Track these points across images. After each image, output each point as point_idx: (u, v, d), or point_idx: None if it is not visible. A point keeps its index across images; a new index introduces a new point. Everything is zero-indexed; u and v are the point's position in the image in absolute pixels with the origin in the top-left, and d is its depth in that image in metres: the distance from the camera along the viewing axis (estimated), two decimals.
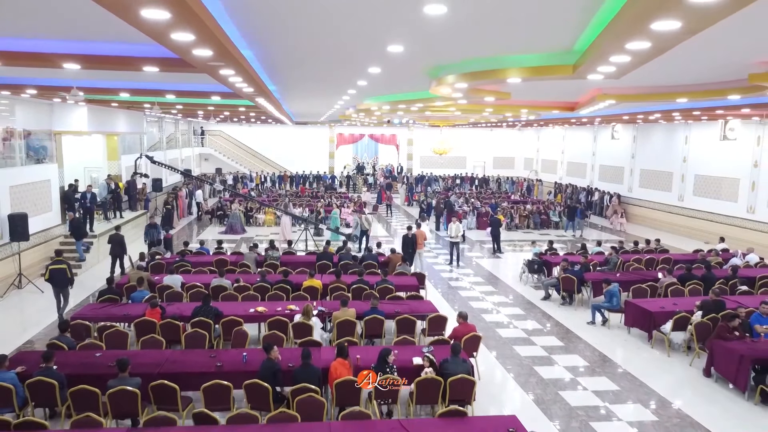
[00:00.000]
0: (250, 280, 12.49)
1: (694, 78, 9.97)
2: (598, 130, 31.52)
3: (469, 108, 16.22)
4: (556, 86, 11.00)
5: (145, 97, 14.18)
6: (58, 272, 11.89)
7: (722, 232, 20.18)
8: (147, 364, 7.99)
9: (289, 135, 40.92)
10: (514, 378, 9.59)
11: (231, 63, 7.19)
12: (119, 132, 21.73)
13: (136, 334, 9.58)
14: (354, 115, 23.52)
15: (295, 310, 10.49)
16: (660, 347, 10.97)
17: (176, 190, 26.55)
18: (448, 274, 17.02)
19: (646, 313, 11.30)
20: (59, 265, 12.00)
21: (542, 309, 13.57)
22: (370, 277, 12.86)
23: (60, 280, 11.93)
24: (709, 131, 23.03)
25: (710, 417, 8.26)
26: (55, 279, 11.88)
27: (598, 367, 10.11)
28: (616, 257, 15.28)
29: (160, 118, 29.75)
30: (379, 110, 18.61)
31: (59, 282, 11.93)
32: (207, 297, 10.21)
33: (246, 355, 8.19)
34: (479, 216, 25.22)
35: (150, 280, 12.29)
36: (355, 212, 22.89)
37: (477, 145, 42.54)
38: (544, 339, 11.50)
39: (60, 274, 11.90)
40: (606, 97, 11.52)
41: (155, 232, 17.25)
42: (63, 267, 11.98)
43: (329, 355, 8.27)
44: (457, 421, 6.53)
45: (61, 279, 11.92)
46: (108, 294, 11.09)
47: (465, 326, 9.34)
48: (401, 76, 10.90)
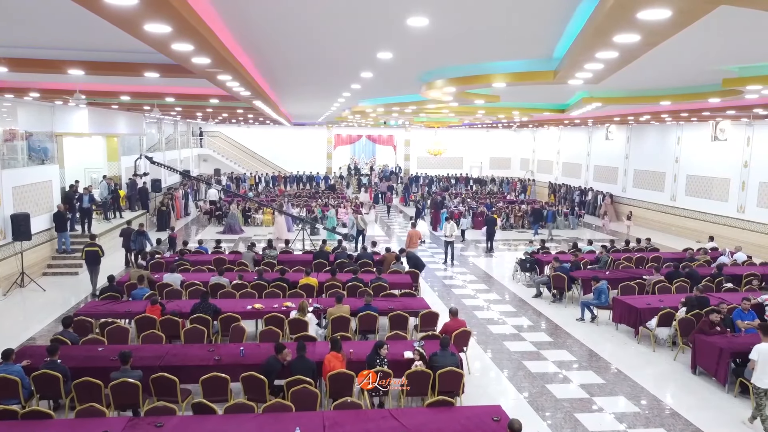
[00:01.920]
0: (248, 278, 12.81)
1: (674, 81, 10.31)
2: (593, 131, 31.88)
3: (462, 110, 16.56)
4: (543, 89, 11.35)
5: (146, 100, 14.50)
6: (92, 253, 14.13)
7: (713, 232, 20.54)
8: (148, 357, 8.31)
9: (287, 136, 41.25)
10: (503, 372, 9.93)
11: (228, 69, 7.51)
12: (119, 133, 22.06)
13: (137, 330, 9.90)
14: (350, 116, 23.85)
15: (292, 307, 10.80)
16: (646, 342, 11.31)
17: (172, 191, 26.75)
18: (442, 272, 17.34)
19: (633, 309, 11.64)
20: (93, 247, 14.21)
21: (533, 306, 13.90)
22: (365, 275, 13.19)
23: (93, 260, 14.12)
24: (700, 132, 23.38)
25: (690, 408, 8.59)
26: (88, 258, 14.14)
27: (585, 362, 10.44)
28: (606, 256, 15.60)
29: (159, 120, 30.06)
30: (374, 112, 18.96)
31: (92, 261, 14.14)
32: (205, 294, 10.53)
33: (243, 350, 8.51)
34: (475, 216, 25.56)
35: (150, 278, 12.61)
36: (353, 212, 23.19)
37: (474, 146, 42.90)
38: (534, 335, 11.83)
39: (93, 255, 14.12)
40: (592, 100, 11.87)
41: (143, 240, 16.42)
42: (96, 249, 14.19)
43: (324, 349, 8.59)
44: (444, 410, 6.85)
45: (94, 258, 14.12)
46: (109, 292, 11.42)
47: (456, 321, 9.67)
48: (393, 80, 11.24)
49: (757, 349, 7.80)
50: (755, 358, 7.76)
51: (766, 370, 7.66)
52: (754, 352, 7.82)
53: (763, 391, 7.67)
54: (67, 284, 15.24)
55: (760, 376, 7.72)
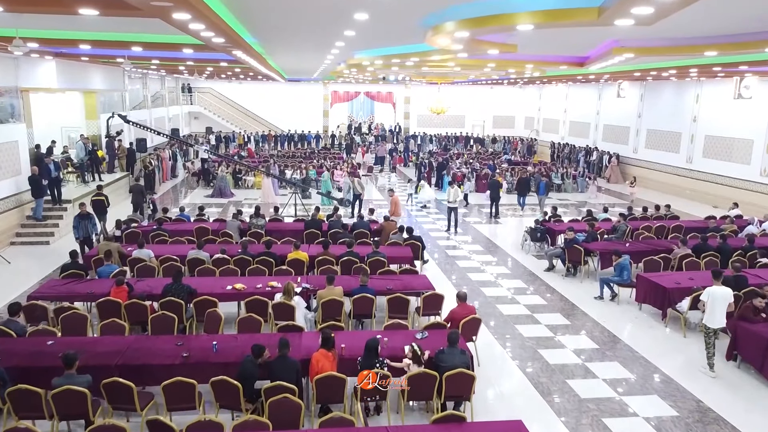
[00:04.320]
0: (232, 251, 11.52)
1: (729, 28, 8.72)
2: (603, 88, 30.13)
3: (470, 63, 14.92)
4: (570, 37, 9.79)
5: (110, 50, 12.85)
6: (99, 202, 14.41)
7: (733, 197, 19.11)
8: (105, 353, 7.08)
9: (282, 93, 39.33)
10: (517, 364, 8.73)
11: (184, 6, 6.00)
12: (96, 89, 20.35)
13: (99, 316, 8.65)
14: (346, 71, 22.13)
15: (277, 287, 9.55)
16: (675, 326, 10.11)
17: (158, 152, 25.16)
18: (445, 241, 16.07)
19: (659, 289, 10.38)
20: (99, 196, 14.56)
21: (545, 281, 12.68)
22: (361, 248, 11.91)
23: (100, 209, 14.31)
24: (721, 89, 21.76)
25: (735, 410, 7.43)
26: (96, 208, 14.23)
27: (608, 350, 9.25)
28: (624, 225, 14.30)
29: (143, 75, 28.26)
30: (371, 65, 17.28)
31: (99, 210, 14.26)
32: (179, 273, 9.23)
33: (216, 344, 7.26)
34: (478, 178, 24.13)
35: (121, 251, 11.32)
36: (350, 174, 21.73)
37: (476, 104, 41.02)
38: (548, 316, 10.62)
39: (100, 204, 14.39)
40: (623, 50, 10.26)
41: (89, 226, 13.09)
42: (102, 198, 14.51)
43: (312, 342, 7.37)
44: (454, 428, 5.65)
45: (101, 208, 14.35)
46: (72, 269, 10.09)
47: (463, 308, 8.42)
48: (392, 25, 9.65)
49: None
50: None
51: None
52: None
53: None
54: (38, 254, 13.94)
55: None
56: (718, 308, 8.27)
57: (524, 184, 20.38)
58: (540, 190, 20.14)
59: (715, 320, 8.30)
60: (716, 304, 8.27)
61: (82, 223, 12.92)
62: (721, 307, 8.29)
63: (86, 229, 13.00)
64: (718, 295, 8.29)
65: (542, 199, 20.01)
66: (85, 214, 13.04)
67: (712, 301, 8.29)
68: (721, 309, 8.29)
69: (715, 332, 8.37)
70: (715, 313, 8.28)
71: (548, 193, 20.57)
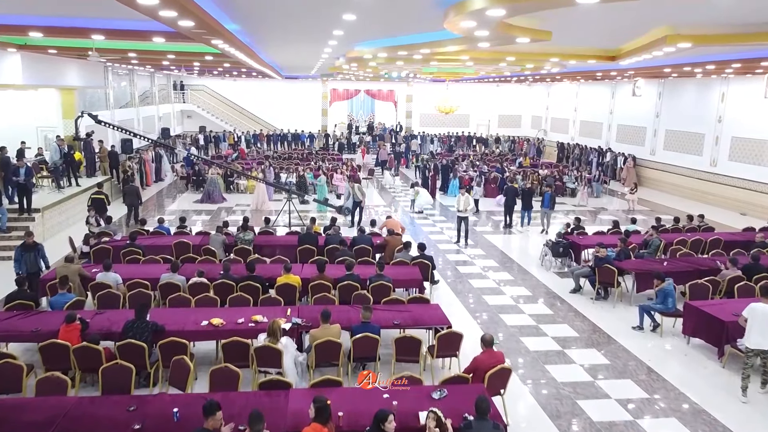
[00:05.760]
0: (213, 273, 9.93)
1: None
2: (617, 86, 28.51)
3: (485, 56, 13.26)
4: (620, 18, 8.19)
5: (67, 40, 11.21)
6: (98, 201, 14.85)
7: (763, 204, 17.53)
8: (33, 425, 5.49)
9: (279, 91, 37.62)
10: (557, 425, 7.10)
11: None
12: (72, 86, 18.71)
13: (42, 362, 7.07)
14: (345, 66, 20.49)
15: (262, 322, 7.97)
16: (734, 366, 8.51)
17: (140, 153, 23.42)
18: (455, 255, 14.47)
19: (714, 321, 8.77)
20: (99, 195, 15.17)
21: (572, 305, 11.10)
22: (363, 269, 10.31)
23: (100, 208, 14.60)
24: (750, 87, 20.15)
25: None
26: (95, 206, 14.40)
27: (661, 401, 7.65)
28: (657, 239, 12.74)
29: (130, 71, 26.63)
30: (373, 59, 15.63)
31: (99, 209, 14.47)
32: (142, 308, 7.64)
33: (178, 412, 5.66)
34: (487, 182, 22.52)
35: (83, 274, 9.71)
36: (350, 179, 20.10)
37: (481, 103, 39.36)
38: (582, 353, 9.03)
39: (100, 203, 14.82)
40: (679, 38, 8.62)
41: (35, 258, 10.31)
42: (102, 197, 15.08)
43: (301, 403, 5.81)
44: None
45: (101, 206, 14.70)
46: (18, 299, 8.48)
47: (490, 355, 6.83)
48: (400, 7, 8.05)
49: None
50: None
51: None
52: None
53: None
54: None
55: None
56: (758, 327, 7.53)
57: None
58: (544, 202, 16.76)
59: (754, 340, 7.57)
60: (756, 322, 7.54)
61: (25, 256, 10.14)
62: (761, 327, 7.49)
63: (31, 261, 10.19)
64: (759, 311, 7.52)
65: (548, 214, 16.84)
66: (31, 245, 10.22)
67: (753, 319, 7.57)
68: (761, 328, 7.49)
69: (757, 354, 7.66)
70: (755, 332, 7.56)
71: (554, 206, 17.05)
